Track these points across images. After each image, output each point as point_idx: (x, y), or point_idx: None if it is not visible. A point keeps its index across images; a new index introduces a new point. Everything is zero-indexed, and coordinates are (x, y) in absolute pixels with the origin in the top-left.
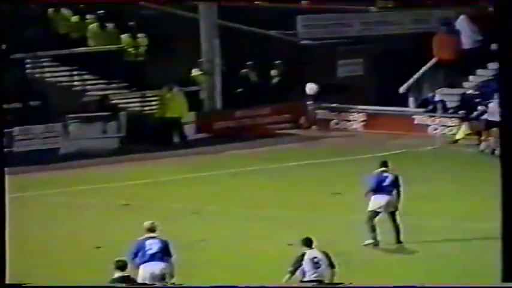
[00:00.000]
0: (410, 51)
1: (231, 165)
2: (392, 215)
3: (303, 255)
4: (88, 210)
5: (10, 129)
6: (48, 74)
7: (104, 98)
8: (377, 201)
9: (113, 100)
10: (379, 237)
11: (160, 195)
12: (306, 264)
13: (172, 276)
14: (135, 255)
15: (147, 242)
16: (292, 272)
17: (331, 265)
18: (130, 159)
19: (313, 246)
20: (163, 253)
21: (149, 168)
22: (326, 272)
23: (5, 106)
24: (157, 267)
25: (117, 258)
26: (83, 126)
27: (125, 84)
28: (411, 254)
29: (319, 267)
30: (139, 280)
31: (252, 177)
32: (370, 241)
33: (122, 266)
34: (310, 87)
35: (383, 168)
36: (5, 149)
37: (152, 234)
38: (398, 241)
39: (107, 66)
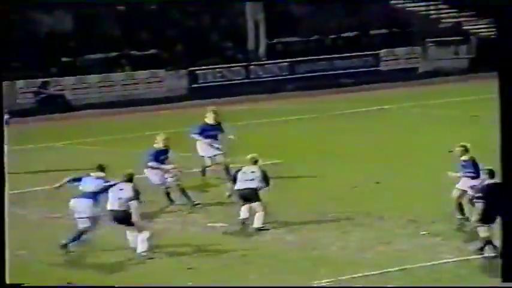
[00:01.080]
0: None
1: None
2: None
3: None
4: (440, 120)
5: (377, 51)
6: (410, 4)
7: (458, 24)
8: None
9: (464, 26)
10: None
11: None
12: None
13: None
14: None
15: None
16: None
17: None
18: (478, 77)
19: None
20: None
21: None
22: None
23: (372, 32)
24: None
25: None
26: (439, 49)
27: (474, 12)
28: None
29: None
30: None
31: None
32: None
33: None
34: None
35: None
36: (372, 68)
37: (465, 158)
38: None
39: None
